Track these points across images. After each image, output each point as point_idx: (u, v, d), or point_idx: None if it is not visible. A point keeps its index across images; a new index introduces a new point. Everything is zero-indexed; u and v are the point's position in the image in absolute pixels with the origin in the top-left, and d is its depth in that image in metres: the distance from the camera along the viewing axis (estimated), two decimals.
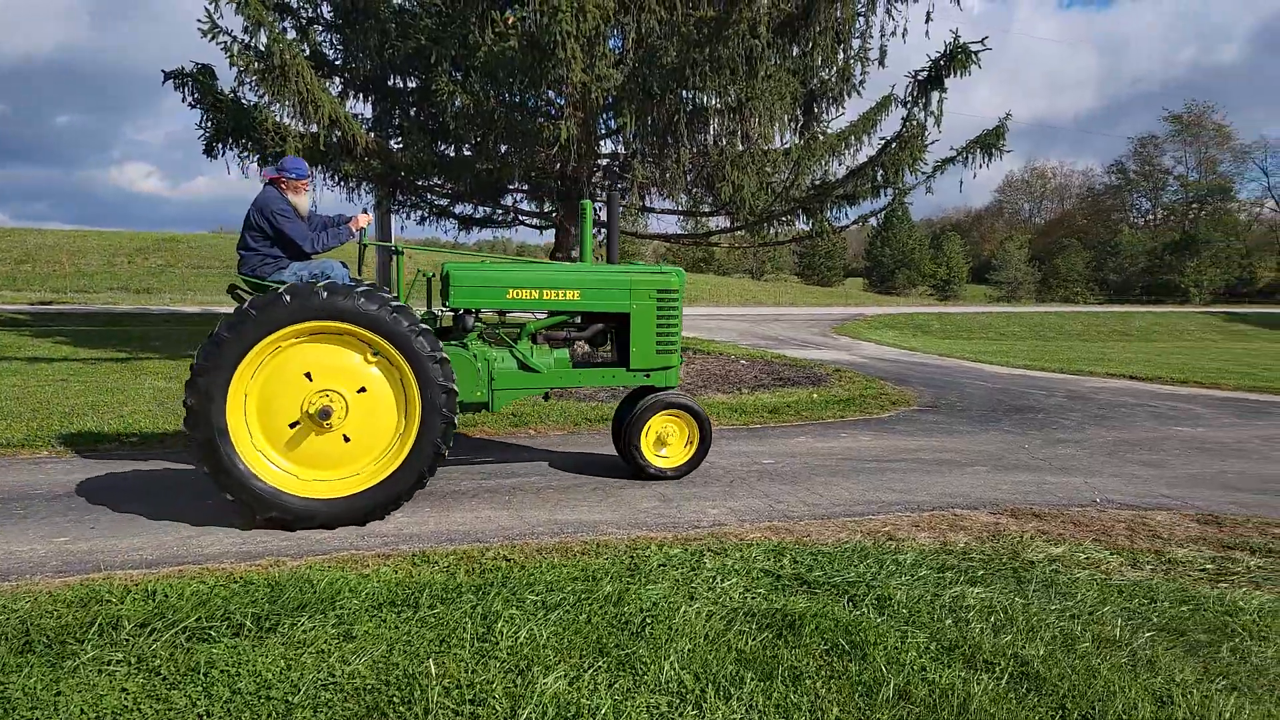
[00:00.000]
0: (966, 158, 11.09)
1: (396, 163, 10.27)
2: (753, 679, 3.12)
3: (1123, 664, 3.33)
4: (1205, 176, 67.95)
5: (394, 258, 6.12)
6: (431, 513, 5.40)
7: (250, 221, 5.40)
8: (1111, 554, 4.83)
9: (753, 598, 3.98)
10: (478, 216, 12.88)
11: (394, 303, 5.08)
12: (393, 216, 13.17)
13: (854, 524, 5.36)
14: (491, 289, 6.02)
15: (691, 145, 10.07)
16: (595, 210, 7.15)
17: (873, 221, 13.84)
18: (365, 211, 5.95)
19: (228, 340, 4.79)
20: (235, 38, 9.53)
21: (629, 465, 6.51)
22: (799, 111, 10.54)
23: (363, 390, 5.08)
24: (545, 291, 6.13)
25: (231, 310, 5.04)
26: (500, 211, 12.48)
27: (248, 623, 3.53)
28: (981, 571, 4.42)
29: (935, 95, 9.84)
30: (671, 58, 8.37)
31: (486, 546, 4.70)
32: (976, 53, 9.11)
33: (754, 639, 3.50)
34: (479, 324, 6.25)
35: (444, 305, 6.04)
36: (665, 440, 6.47)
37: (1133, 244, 66.07)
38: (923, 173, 11.34)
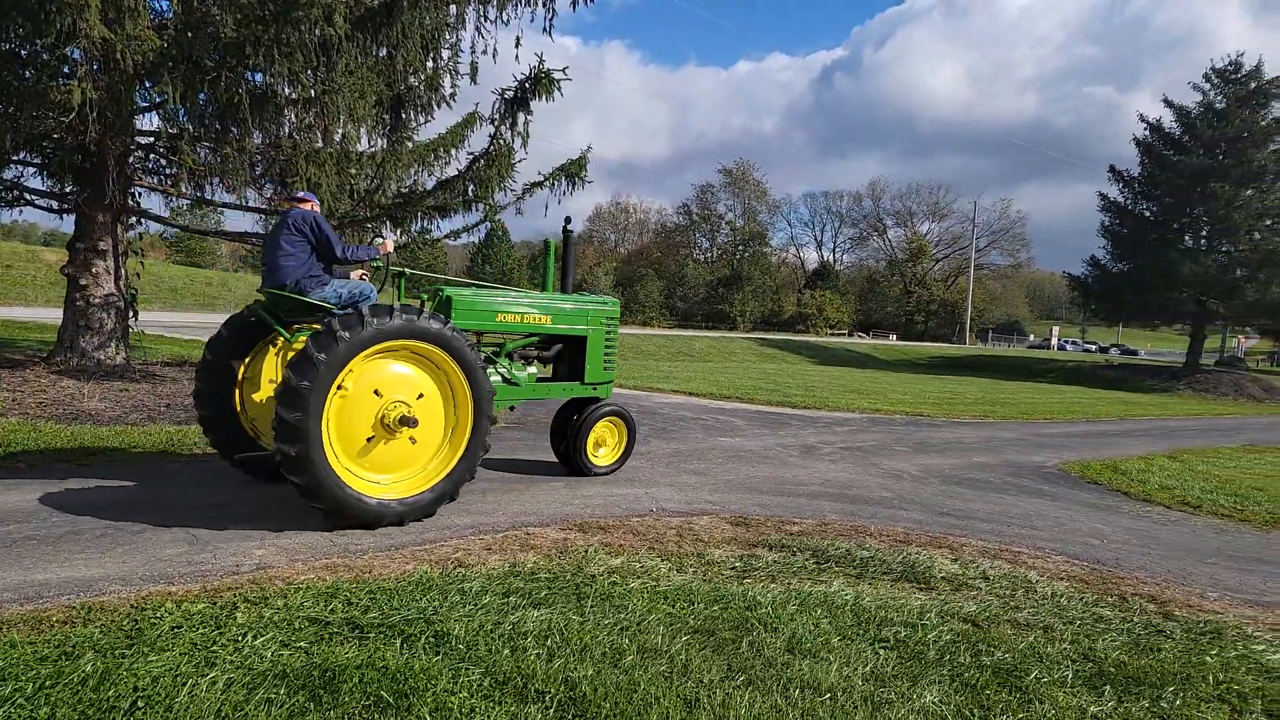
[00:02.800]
0: (553, 183, 11.57)
1: None
2: None
3: (661, 672, 3.46)
4: (748, 223, 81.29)
5: (397, 279, 6.71)
6: None
7: (291, 229, 5.80)
8: (662, 560, 5.14)
9: (290, 654, 3.42)
10: None
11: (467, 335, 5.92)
12: None
13: (424, 553, 5.03)
14: (486, 313, 6.86)
15: (262, 134, 8.96)
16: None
17: (469, 237, 13.80)
18: (389, 239, 6.45)
19: (346, 341, 5.18)
20: None
21: (568, 466, 7.59)
22: (386, 115, 10.02)
23: (421, 396, 5.71)
24: (526, 316, 7.12)
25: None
26: None
27: None
28: (545, 592, 4.38)
29: (522, 117, 10.07)
30: (230, 30, 7.28)
31: None
32: (558, 81, 9.51)
33: (280, 708, 2.96)
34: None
35: None
36: (602, 443, 7.68)
37: (696, 277, 76.44)
38: (513, 192, 11.58)
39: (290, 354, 6.26)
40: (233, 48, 7.22)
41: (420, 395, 5.70)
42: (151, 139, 9.72)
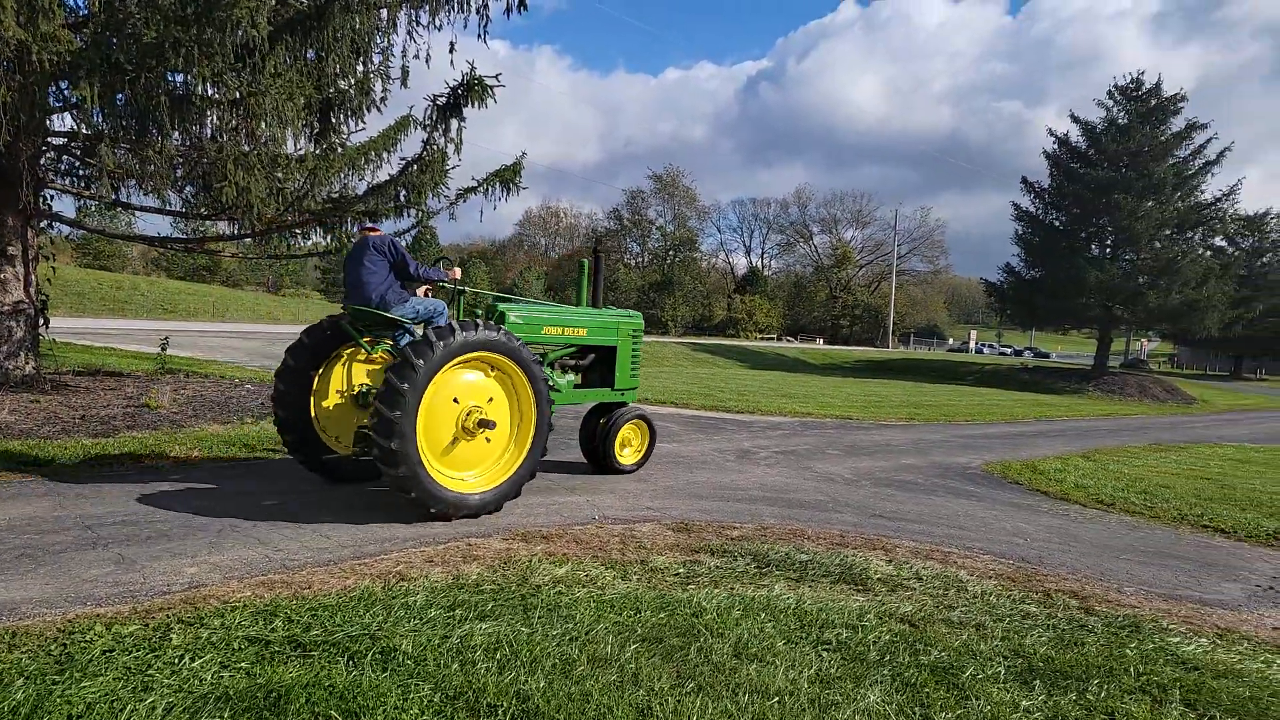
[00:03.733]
0: (487, 189, 11.47)
1: None
2: None
3: (612, 682, 3.48)
4: (678, 229, 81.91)
5: (456, 296, 7.38)
6: None
7: (372, 249, 6.43)
8: (606, 569, 5.16)
9: (232, 675, 3.33)
10: None
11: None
12: None
13: (364, 567, 4.93)
14: (534, 326, 7.53)
15: (183, 136, 8.63)
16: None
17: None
18: (457, 266, 7.21)
19: (423, 366, 5.77)
20: None
21: (597, 466, 8.35)
22: (315, 119, 9.76)
23: (490, 400, 6.40)
24: (566, 329, 7.86)
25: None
26: None
27: None
28: (491, 604, 4.35)
29: (455, 123, 9.93)
30: (150, 31, 6.98)
31: None
32: (491, 87, 9.40)
33: None
34: None
35: None
36: (627, 443, 8.44)
37: (627, 281, 76.57)
38: (446, 198, 11.43)
39: (359, 364, 7.16)
40: (153, 48, 6.93)
41: (490, 399, 6.37)
42: (65, 140, 9.26)
